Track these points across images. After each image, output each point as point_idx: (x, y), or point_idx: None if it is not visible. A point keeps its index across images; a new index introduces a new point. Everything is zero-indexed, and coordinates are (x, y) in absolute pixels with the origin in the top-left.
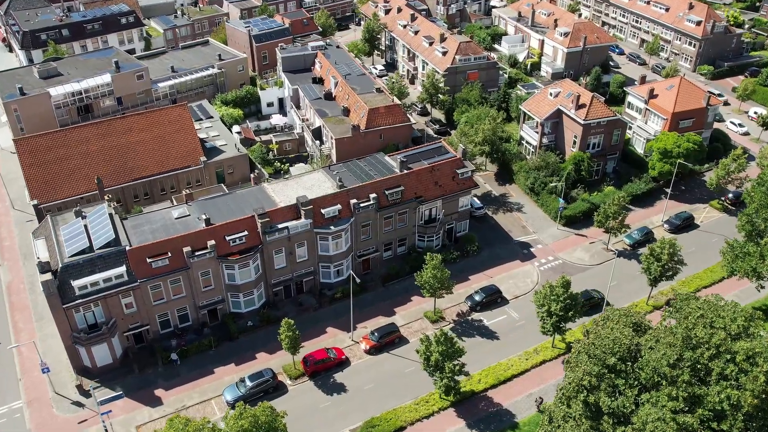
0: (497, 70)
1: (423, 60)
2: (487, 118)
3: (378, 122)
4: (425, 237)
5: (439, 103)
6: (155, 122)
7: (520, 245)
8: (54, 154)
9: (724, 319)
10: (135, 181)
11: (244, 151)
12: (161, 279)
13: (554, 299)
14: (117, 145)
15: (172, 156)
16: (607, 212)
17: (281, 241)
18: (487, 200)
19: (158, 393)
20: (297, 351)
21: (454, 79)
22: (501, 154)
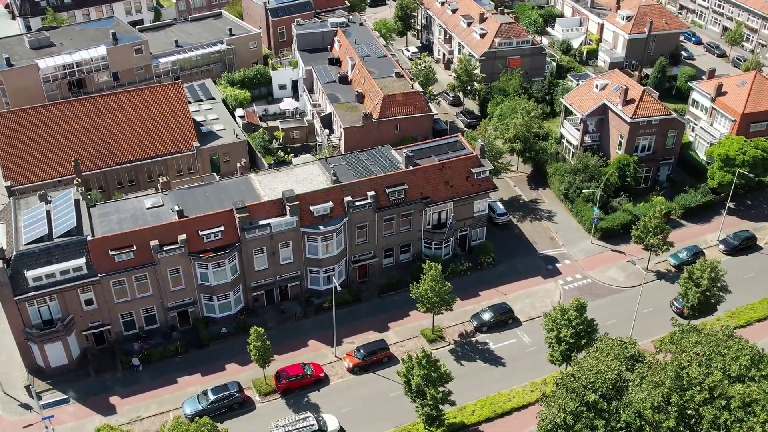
0: (543, 57)
1: (459, 42)
2: (520, 111)
3: (394, 111)
4: (432, 244)
5: (472, 92)
6: (145, 101)
7: (544, 259)
8: (32, 132)
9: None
10: (119, 166)
11: (243, 137)
12: (125, 275)
13: (565, 324)
14: (102, 125)
15: (161, 139)
16: (647, 226)
17: (262, 240)
18: (513, 205)
19: (114, 400)
20: (267, 364)
21: (492, 65)
22: (535, 153)
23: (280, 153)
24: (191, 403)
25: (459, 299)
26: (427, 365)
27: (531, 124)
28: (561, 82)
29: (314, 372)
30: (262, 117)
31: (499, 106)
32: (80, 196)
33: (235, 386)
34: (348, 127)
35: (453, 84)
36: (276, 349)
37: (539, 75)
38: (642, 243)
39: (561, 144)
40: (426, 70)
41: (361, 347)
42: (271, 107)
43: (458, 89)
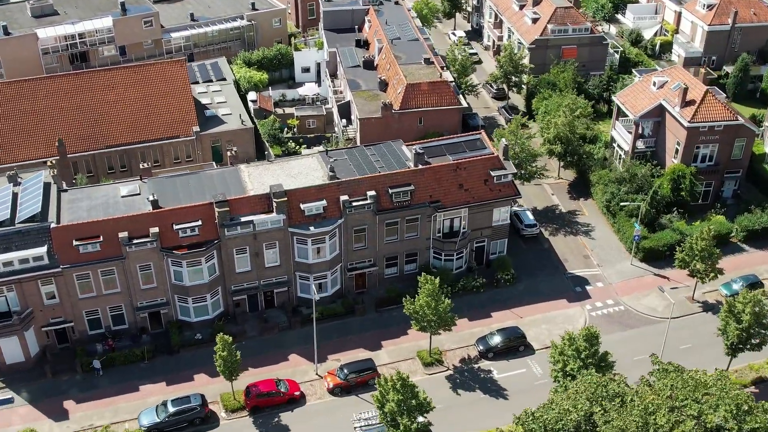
0: (605, 48)
1: (509, 27)
2: (562, 108)
3: (417, 102)
4: (442, 254)
5: (517, 84)
6: (143, 79)
7: (573, 280)
8: (17, 107)
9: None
10: (109, 149)
11: (249, 124)
12: (90, 268)
13: (572, 355)
14: (93, 104)
15: (157, 122)
16: (693, 248)
17: (244, 239)
18: (547, 216)
19: (68, 405)
20: (235, 377)
21: (544, 55)
22: (578, 158)
23: (290, 144)
24: (148, 414)
25: (467, 319)
26: (403, 390)
27: (575, 124)
28: (624, 78)
29: (289, 390)
30: (279, 102)
31: (544, 102)
32: (53, 179)
33: (198, 399)
34: (364, 118)
35: (495, 74)
36: (252, 362)
37: (598, 68)
38: (687, 268)
39: (611, 149)
40: (463, 57)
41: (345, 366)
42: (289, 92)
43: (501, 81)
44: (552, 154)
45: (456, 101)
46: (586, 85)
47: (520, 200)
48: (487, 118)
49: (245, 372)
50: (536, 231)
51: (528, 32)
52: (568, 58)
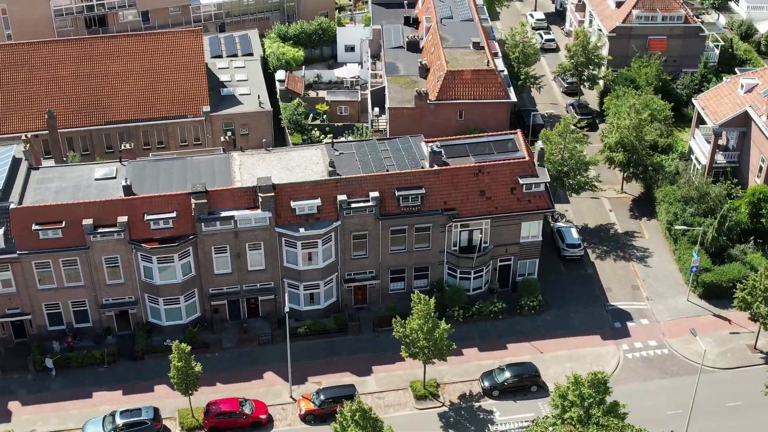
0: (701, 41)
1: (591, 11)
2: (626, 110)
3: (458, 92)
4: (458, 271)
5: (590, 78)
6: (152, 49)
7: (613, 313)
8: (13, 74)
9: None
10: (108, 126)
11: (268, 106)
12: (50, 256)
13: (576, 401)
14: (95, 74)
15: (165, 98)
16: (755, 287)
17: (224, 236)
18: (598, 236)
19: (12, 406)
20: (191, 392)
21: (626, 45)
22: (643, 169)
23: (314, 132)
24: (94, 425)
25: (477, 349)
26: (363, 424)
27: (645, 128)
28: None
29: (254, 412)
30: (313, 84)
31: (615, 102)
32: (24, 155)
33: (150, 413)
34: (395, 108)
35: (565, 65)
36: (222, 376)
37: (692, 65)
38: (748, 310)
39: (688, 162)
40: (525, 43)
41: (323, 391)
42: (326, 73)
43: (570, 73)
44: (612, 162)
45: (504, 94)
46: (673, 83)
47: (569, 215)
48: (552, 117)
49: (212, 387)
50: (580, 252)
51: (609, 18)
52: (655, 50)
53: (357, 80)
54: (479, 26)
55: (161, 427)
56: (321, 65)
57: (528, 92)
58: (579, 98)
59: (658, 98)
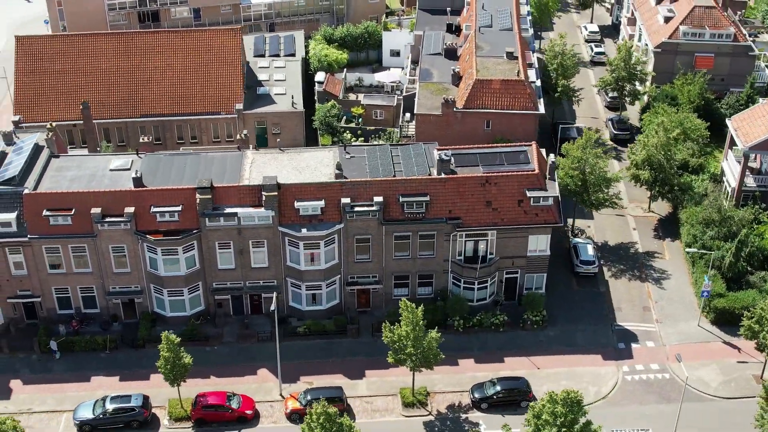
0: (751, 60)
1: (640, 26)
2: (654, 127)
3: (485, 101)
4: (462, 281)
5: (632, 94)
6: (191, 45)
7: (619, 334)
8: (56, 64)
9: None
10: (143, 118)
11: (300, 107)
12: (59, 241)
13: (549, 421)
14: (134, 67)
15: (200, 95)
16: (763, 316)
17: (228, 233)
18: (616, 254)
19: (14, 384)
20: (179, 382)
21: (671, 61)
22: (669, 189)
23: (346, 135)
24: (86, 408)
25: (473, 360)
26: (329, 427)
27: (675, 147)
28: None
29: (240, 407)
30: (354, 87)
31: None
32: (46, 143)
33: (139, 400)
34: (422, 114)
35: (606, 79)
36: (217, 370)
37: (740, 84)
38: (755, 340)
39: (720, 183)
40: (563, 55)
41: (310, 391)
42: (367, 77)
43: (611, 87)
44: (637, 180)
45: (532, 105)
46: (717, 103)
47: (590, 231)
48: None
49: (206, 380)
50: (594, 269)
51: (656, 33)
52: (702, 68)
53: (397, 85)
54: (517, 36)
55: (149, 415)
56: (366, 69)
57: (570, 105)
58: (620, 114)
59: (695, 117)
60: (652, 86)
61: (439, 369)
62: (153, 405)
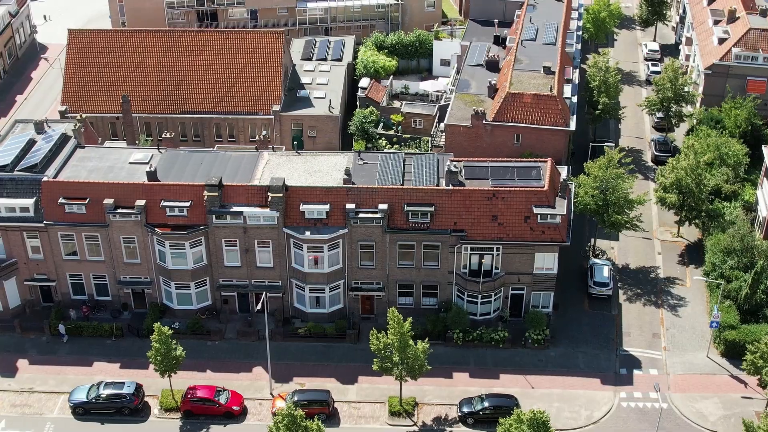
0: None
1: (696, 46)
2: (684, 150)
3: (516, 115)
4: (465, 294)
5: (677, 115)
6: (234, 46)
7: (623, 359)
8: (104, 58)
9: None
10: (183, 115)
11: (336, 112)
12: (74, 229)
13: None
14: (177, 65)
15: (239, 94)
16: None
17: (234, 231)
18: (636, 277)
19: (20, 363)
20: (170, 373)
21: (722, 84)
22: (696, 214)
23: (381, 141)
24: (81, 391)
25: (468, 375)
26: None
27: (706, 172)
28: None
29: (228, 402)
30: (400, 95)
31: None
32: (73, 133)
33: (132, 387)
34: (452, 125)
35: (651, 99)
36: (214, 365)
37: None
38: (757, 375)
39: (752, 212)
40: (605, 72)
41: (298, 392)
42: (413, 84)
43: (656, 108)
44: (664, 203)
45: (563, 121)
46: (765, 129)
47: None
48: (633, 151)
49: (202, 373)
50: (608, 292)
51: (709, 54)
52: (754, 92)
53: (442, 94)
54: (559, 51)
55: (140, 402)
56: (415, 77)
57: (616, 123)
58: (665, 135)
59: (736, 142)
60: (700, 108)
61: (431, 380)
62: (148, 394)
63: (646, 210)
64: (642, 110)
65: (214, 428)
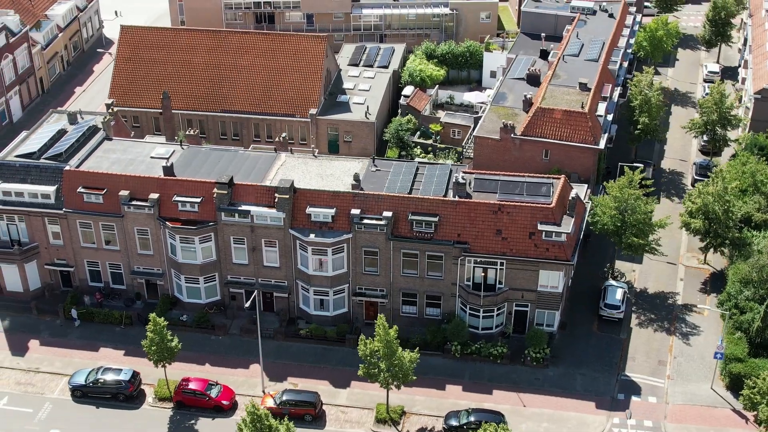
0: None
1: (751, 69)
2: (715, 177)
3: (545, 131)
4: (467, 307)
5: (720, 139)
6: (277, 48)
7: (623, 384)
8: (152, 55)
9: None
10: (223, 113)
11: (372, 118)
12: (91, 218)
13: None
14: (221, 65)
15: (278, 96)
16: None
17: (242, 229)
18: (652, 302)
19: (32, 344)
20: (163, 364)
21: None
22: (720, 242)
23: (416, 150)
24: (81, 375)
25: (461, 388)
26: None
27: (737, 199)
28: None
29: (218, 396)
30: (445, 104)
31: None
32: (103, 126)
33: (128, 374)
34: (480, 137)
35: (695, 122)
36: (213, 359)
37: None
38: (755, 412)
39: None
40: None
41: (287, 392)
42: (457, 95)
43: (700, 131)
44: (688, 228)
45: (592, 139)
46: None
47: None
48: (674, 173)
49: (201, 366)
50: (619, 315)
51: (761, 78)
52: None
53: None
54: (600, 67)
55: (135, 390)
56: (464, 87)
57: (661, 144)
58: (710, 159)
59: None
60: (747, 133)
61: (423, 390)
62: (147, 383)
63: (676, 234)
64: (685, 132)
65: (203, 421)
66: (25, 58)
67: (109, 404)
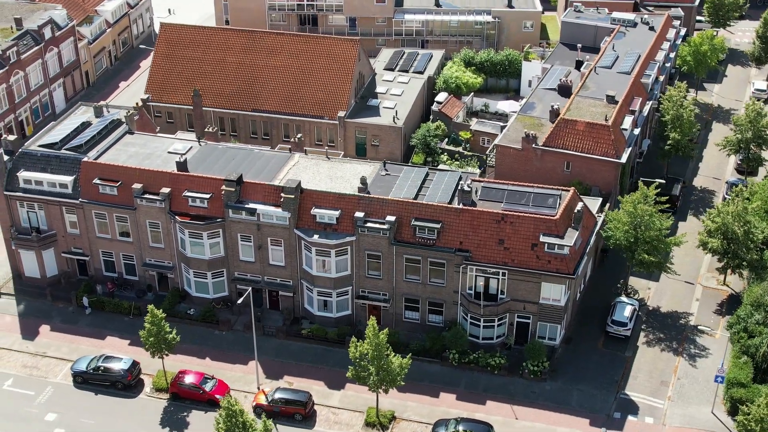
0: None
1: None
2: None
3: (567, 142)
4: (468, 316)
5: (755, 158)
6: (310, 50)
7: (621, 403)
8: (189, 52)
9: None
10: (254, 113)
11: (400, 123)
12: (105, 209)
13: None
14: (254, 64)
15: (308, 98)
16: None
17: (248, 226)
18: (663, 322)
19: (42, 329)
20: (161, 354)
21: None
22: (738, 263)
23: (442, 156)
24: (83, 362)
25: (455, 397)
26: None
27: (757, 221)
28: None
29: (212, 390)
30: (479, 112)
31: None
32: (126, 120)
33: (127, 364)
34: (502, 146)
35: (730, 139)
36: (213, 353)
37: None
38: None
39: None
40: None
41: (279, 390)
42: (492, 103)
43: (733, 148)
44: (705, 248)
45: (614, 153)
46: None
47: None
48: (705, 191)
49: (201, 360)
50: (625, 332)
51: None
52: None
53: None
54: (631, 80)
55: (133, 379)
56: (501, 96)
57: (696, 161)
58: (744, 178)
59: None
60: None
61: (416, 397)
62: (147, 373)
63: (697, 254)
64: (719, 150)
65: (195, 413)
66: (70, 52)
67: (108, 392)
